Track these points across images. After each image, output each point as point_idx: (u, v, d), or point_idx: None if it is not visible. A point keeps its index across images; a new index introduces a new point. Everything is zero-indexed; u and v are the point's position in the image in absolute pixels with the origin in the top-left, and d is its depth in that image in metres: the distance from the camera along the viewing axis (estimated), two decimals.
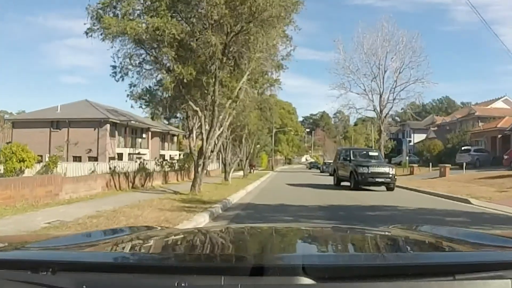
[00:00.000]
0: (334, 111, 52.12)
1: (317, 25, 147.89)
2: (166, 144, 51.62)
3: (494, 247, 1.57)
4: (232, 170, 20.47)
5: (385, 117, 45.40)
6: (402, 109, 55.77)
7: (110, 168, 17.15)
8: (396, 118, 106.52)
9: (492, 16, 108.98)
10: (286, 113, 78.98)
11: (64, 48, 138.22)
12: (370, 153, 20.36)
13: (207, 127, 13.35)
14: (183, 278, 1.07)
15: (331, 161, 52.23)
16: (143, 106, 14.16)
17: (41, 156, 33.32)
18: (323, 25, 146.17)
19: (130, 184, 16.75)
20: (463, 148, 38.08)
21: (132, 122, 41.32)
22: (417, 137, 61.34)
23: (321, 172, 46.36)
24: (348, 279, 1.08)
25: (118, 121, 40.80)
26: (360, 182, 16.99)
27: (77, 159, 38.72)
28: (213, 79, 12.25)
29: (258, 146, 67.80)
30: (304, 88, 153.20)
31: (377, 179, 16.96)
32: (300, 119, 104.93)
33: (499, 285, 1.08)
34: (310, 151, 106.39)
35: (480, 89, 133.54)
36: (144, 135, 46.98)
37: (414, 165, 34.96)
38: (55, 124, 41.18)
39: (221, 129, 14.57)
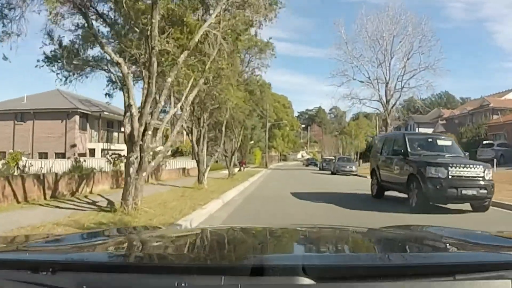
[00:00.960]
0: (335, 102, 46.01)
1: (312, 22, 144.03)
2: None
3: (494, 247, 1.52)
4: (208, 168, 14.61)
5: (392, 107, 39.72)
6: (400, 104, 49.99)
7: (18, 168, 11.22)
8: (394, 114, 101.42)
9: (487, 13, 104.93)
10: (281, 107, 73.16)
11: None
12: (440, 142, 11.14)
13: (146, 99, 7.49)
14: (183, 278, 1.05)
15: (332, 158, 46.61)
16: (53, 67, 8.30)
17: (4, 152, 27.79)
18: (318, 22, 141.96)
19: (50, 192, 10.90)
20: (485, 142, 32.50)
21: (105, 113, 35.28)
22: (422, 131, 55.81)
23: (320, 169, 40.46)
24: (348, 279, 1.06)
25: (89, 112, 34.89)
26: (432, 196, 8.86)
27: (43, 155, 33.02)
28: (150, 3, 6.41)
29: (252, 142, 62.15)
30: (299, 85, 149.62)
31: (464, 191, 8.64)
32: (296, 114, 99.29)
33: (499, 285, 1.06)
34: (306, 147, 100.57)
35: (477, 85, 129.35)
36: (122, 129, 40.96)
37: None
38: (20, 116, 35.27)
39: (179, 105, 8.78)
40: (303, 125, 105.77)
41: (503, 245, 1.57)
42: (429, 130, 55.43)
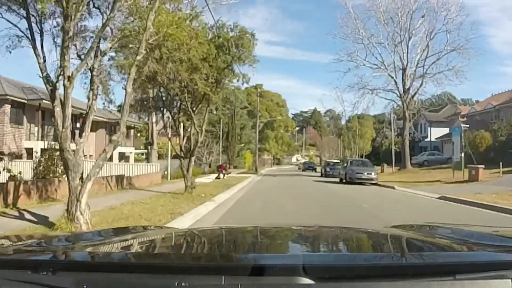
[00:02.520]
0: (339, 93, 36.55)
1: (306, 25, 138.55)
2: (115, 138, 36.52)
3: (494, 247, 1.49)
4: (90, 183, 5.72)
5: (412, 97, 31.17)
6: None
7: None
8: (393, 115, 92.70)
9: (480, 17, 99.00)
10: (274, 105, 64.46)
11: None
12: None
13: None
14: (183, 278, 1.01)
15: (337, 161, 37.55)
16: None
17: None
18: (311, 26, 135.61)
19: None
20: None
21: (46, 101, 26.24)
22: (435, 132, 47.36)
23: (322, 176, 31.55)
24: (348, 279, 1.02)
25: (26, 101, 26.04)
26: None
27: None
28: None
29: (243, 144, 53.36)
30: (293, 88, 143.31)
31: None
32: (290, 117, 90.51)
33: (499, 285, 1.03)
34: (301, 150, 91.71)
35: (474, 88, 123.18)
36: (77, 125, 31.84)
37: (480, 166, 20.62)
38: None
39: None
40: (298, 128, 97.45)
41: (503, 245, 1.52)
42: (442, 130, 47.16)
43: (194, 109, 11.61)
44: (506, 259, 1.19)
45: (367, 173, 20.46)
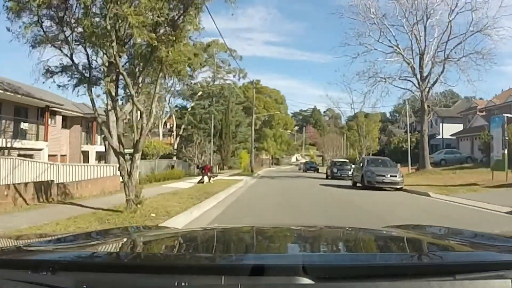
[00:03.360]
0: (347, 82, 31.31)
1: (304, 25, 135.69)
2: (93, 136, 31.92)
3: (494, 247, 1.47)
4: None
5: (432, 86, 26.44)
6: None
7: None
8: (395, 113, 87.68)
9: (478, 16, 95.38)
10: (273, 102, 59.63)
11: None
12: None
13: None
14: (183, 278, 1.00)
15: (345, 160, 32.77)
16: None
17: None
18: (309, 26, 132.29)
19: None
20: None
21: None
22: (447, 128, 42.72)
23: (328, 178, 26.70)
24: (348, 279, 1.00)
25: None
26: None
27: None
28: None
29: (238, 144, 48.65)
30: (291, 88, 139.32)
31: None
32: (290, 114, 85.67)
33: (499, 285, 1.01)
34: (301, 150, 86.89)
35: (472, 88, 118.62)
36: (43, 119, 27.11)
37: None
38: None
39: None
40: (297, 126, 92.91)
41: (503, 245, 1.50)
42: (456, 126, 42.45)
43: (138, 74, 6.91)
44: (506, 259, 1.17)
45: (391, 176, 15.73)
